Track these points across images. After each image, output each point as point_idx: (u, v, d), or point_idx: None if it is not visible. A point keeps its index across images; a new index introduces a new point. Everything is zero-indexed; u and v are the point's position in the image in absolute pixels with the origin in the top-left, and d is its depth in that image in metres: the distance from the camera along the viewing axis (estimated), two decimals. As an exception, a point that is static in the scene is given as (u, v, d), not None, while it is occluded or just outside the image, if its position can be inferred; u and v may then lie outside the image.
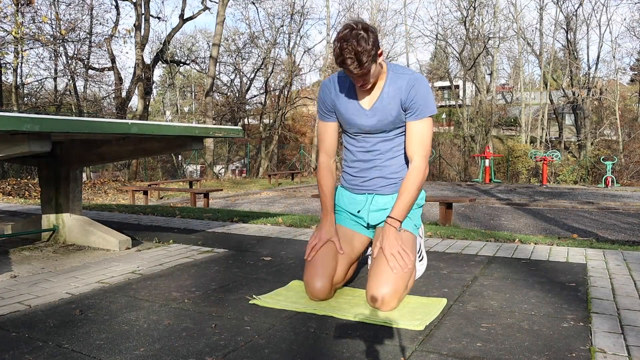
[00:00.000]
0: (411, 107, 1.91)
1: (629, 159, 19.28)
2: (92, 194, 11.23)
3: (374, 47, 1.75)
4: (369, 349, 1.48)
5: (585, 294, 2.02)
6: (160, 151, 3.17)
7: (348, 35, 1.72)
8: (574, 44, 24.03)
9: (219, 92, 24.64)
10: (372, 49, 1.74)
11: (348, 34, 1.72)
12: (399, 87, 1.91)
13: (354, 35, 1.71)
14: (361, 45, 1.71)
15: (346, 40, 1.72)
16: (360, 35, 1.72)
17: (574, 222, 6.93)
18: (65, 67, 18.27)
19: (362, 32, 1.73)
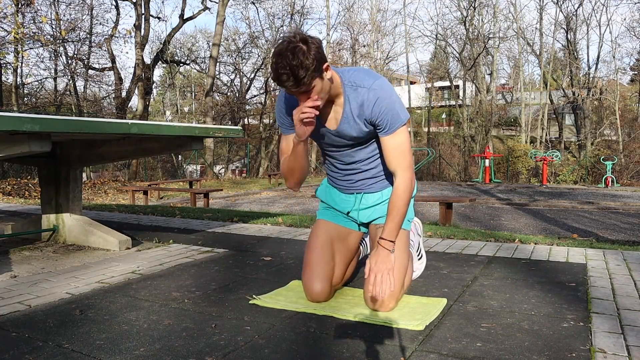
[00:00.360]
0: (380, 124, 1.77)
1: (629, 159, 19.28)
2: (92, 194, 11.24)
3: (316, 61, 1.58)
4: (369, 349, 1.48)
5: (585, 294, 2.02)
6: (160, 151, 3.18)
7: (283, 49, 1.56)
8: (574, 44, 24.03)
9: (219, 92, 24.65)
10: (313, 62, 1.57)
11: (283, 47, 1.56)
12: (361, 105, 1.76)
13: (290, 48, 1.55)
14: (298, 59, 1.54)
15: (281, 54, 1.56)
16: (297, 48, 1.55)
17: (574, 222, 6.93)
18: (65, 67, 18.27)
19: (300, 44, 1.56)
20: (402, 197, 1.80)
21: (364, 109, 1.75)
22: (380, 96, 1.73)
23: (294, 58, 1.55)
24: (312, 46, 1.58)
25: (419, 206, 8.75)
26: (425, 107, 29.80)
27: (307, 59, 1.56)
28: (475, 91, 24.60)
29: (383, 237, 1.78)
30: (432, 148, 21.43)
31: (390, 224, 1.79)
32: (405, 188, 1.81)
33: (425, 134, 28.49)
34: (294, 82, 1.58)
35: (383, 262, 1.73)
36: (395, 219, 1.79)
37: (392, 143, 1.79)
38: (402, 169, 1.81)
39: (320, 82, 1.64)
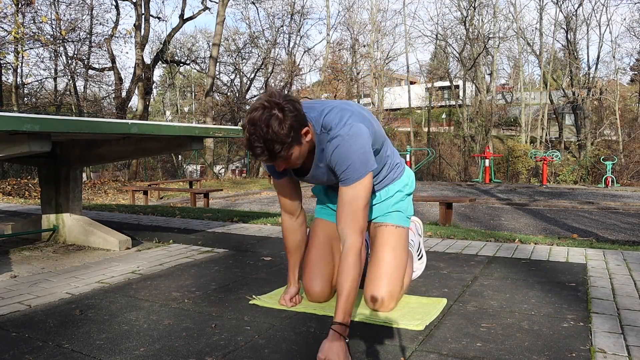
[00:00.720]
0: (339, 175, 1.60)
1: (629, 159, 19.27)
2: (92, 194, 11.24)
3: (293, 131, 1.44)
4: (369, 349, 1.48)
5: (585, 294, 2.02)
6: (160, 151, 3.18)
7: (257, 118, 1.42)
8: (574, 44, 24.03)
9: (219, 92, 24.64)
10: (290, 133, 1.43)
11: (257, 116, 1.42)
12: (322, 151, 1.62)
13: (265, 118, 1.41)
14: (272, 131, 1.40)
15: (254, 124, 1.42)
16: (273, 116, 1.41)
17: (574, 222, 6.93)
18: (65, 67, 18.27)
19: (276, 111, 1.41)
20: (350, 274, 1.50)
21: (325, 155, 1.61)
22: (340, 145, 1.55)
23: (268, 130, 1.41)
24: (289, 114, 1.43)
25: (419, 206, 8.75)
26: (425, 107, 29.80)
27: (283, 128, 1.42)
28: (475, 91, 24.60)
29: (336, 322, 1.45)
30: (432, 148, 21.43)
31: (342, 305, 1.47)
32: (354, 261, 1.51)
33: (425, 134, 28.49)
34: (269, 157, 1.46)
35: (336, 355, 1.36)
36: (345, 297, 1.48)
37: (347, 196, 1.58)
38: (352, 232, 1.56)
39: (299, 149, 1.51)
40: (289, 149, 1.47)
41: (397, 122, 30.67)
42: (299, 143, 1.51)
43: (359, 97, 26.27)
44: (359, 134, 1.56)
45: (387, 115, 28.83)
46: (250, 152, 1.48)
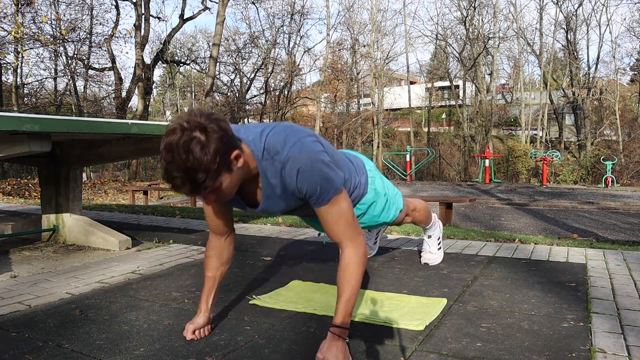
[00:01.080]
0: (310, 196, 1.41)
1: (629, 159, 19.27)
2: (92, 194, 11.24)
3: (219, 156, 1.20)
4: (369, 349, 1.48)
5: (585, 294, 2.02)
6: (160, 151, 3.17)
7: (175, 142, 1.17)
8: (574, 44, 24.02)
9: (219, 92, 24.64)
10: (215, 158, 1.19)
11: (175, 139, 1.17)
12: (282, 177, 1.40)
13: (184, 142, 1.16)
14: (194, 157, 1.17)
15: (171, 149, 1.18)
16: (194, 139, 1.17)
17: (574, 222, 6.93)
18: (65, 67, 18.27)
19: (197, 133, 1.18)
20: (353, 280, 1.41)
21: (286, 183, 1.40)
22: (302, 166, 1.35)
23: (188, 157, 1.16)
24: (213, 135, 1.19)
25: (419, 206, 8.74)
26: (425, 107, 29.78)
27: (207, 153, 1.17)
28: (475, 91, 24.59)
29: (335, 324, 1.39)
30: (432, 148, 21.43)
31: (342, 309, 1.40)
32: (358, 261, 1.43)
33: (425, 134, 28.49)
34: (191, 189, 1.22)
35: (334, 356, 1.33)
36: (349, 303, 1.41)
37: (330, 215, 1.43)
38: (349, 238, 1.44)
39: (229, 177, 1.27)
40: (216, 178, 1.22)
41: (397, 122, 30.65)
42: (229, 170, 1.26)
43: (359, 97, 26.26)
44: (312, 148, 1.37)
45: (387, 115, 28.82)
46: (169, 184, 1.22)
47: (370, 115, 25.06)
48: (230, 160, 1.25)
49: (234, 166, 1.27)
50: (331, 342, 1.37)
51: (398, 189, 2.14)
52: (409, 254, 2.79)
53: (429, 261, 2.54)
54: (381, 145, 23.80)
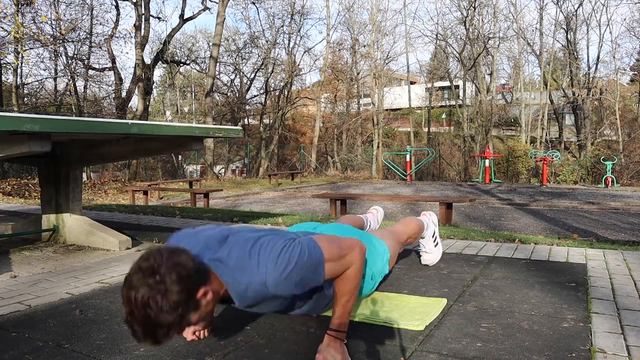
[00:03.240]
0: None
1: (629, 159, 19.27)
2: (92, 194, 11.23)
3: (180, 305, 1.13)
4: (369, 349, 1.48)
5: (585, 294, 2.02)
6: (160, 151, 3.18)
7: (132, 298, 1.10)
8: (574, 44, 24.02)
9: (219, 92, 24.64)
10: (177, 310, 1.12)
11: (132, 295, 1.10)
12: (255, 291, 1.33)
13: (141, 298, 1.09)
14: (153, 313, 1.10)
15: (128, 304, 1.11)
16: (151, 296, 1.09)
17: (574, 222, 6.93)
18: (65, 67, 18.27)
19: (155, 287, 1.10)
20: (350, 284, 1.44)
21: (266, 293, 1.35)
22: (280, 285, 1.31)
23: (146, 314, 1.09)
24: (173, 287, 1.11)
25: (420, 206, 8.75)
26: (425, 107, 29.78)
27: (168, 302, 1.10)
28: (475, 91, 24.59)
29: (333, 328, 1.41)
30: (432, 148, 21.43)
31: (339, 313, 1.43)
32: (354, 273, 1.45)
33: (426, 134, 28.48)
34: (154, 342, 1.14)
35: (332, 357, 1.36)
36: (348, 304, 1.44)
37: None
38: (349, 264, 1.45)
39: (198, 314, 1.21)
40: (180, 325, 1.16)
41: (397, 122, 30.65)
42: (196, 309, 1.20)
43: (359, 97, 26.26)
44: (288, 265, 1.30)
45: (387, 115, 28.82)
46: (131, 334, 1.15)
47: (370, 115, 25.06)
48: (196, 300, 1.19)
49: (202, 303, 1.21)
50: (329, 343, 1.40)
51: (390, 225, 2.26)
52: (409, 254, 2.79)
53: (428, 262, 2.54)
54: (381, 146, 23.79)
